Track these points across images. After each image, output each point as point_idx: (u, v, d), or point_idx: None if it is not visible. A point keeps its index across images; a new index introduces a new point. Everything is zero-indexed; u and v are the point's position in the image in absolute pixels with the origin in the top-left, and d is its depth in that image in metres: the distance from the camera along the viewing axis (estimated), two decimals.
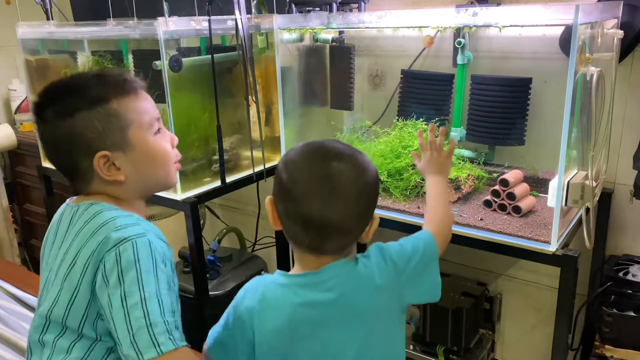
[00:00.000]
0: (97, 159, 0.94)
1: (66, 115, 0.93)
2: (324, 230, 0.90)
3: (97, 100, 0.94)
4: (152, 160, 1.00)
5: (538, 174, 1.50)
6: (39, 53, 1.98)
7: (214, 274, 1.91)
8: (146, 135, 0.98)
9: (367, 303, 0.94)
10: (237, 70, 1.74)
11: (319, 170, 0.89)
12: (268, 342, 0.93)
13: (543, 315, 1.79)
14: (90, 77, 0.97)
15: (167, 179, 1.05)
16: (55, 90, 0.97)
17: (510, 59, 1.55)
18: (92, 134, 0.94)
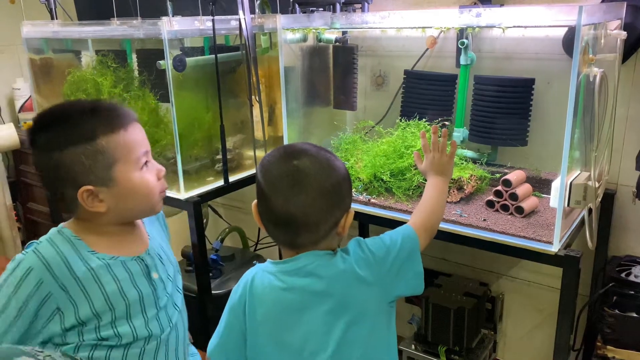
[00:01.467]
0: (81, 192, 0.98)
1: (55, 148, 0.97)
2: (291, 226, 0.94)
3: (86, 137, 0.97)
4: (135, 195, 1.03)
5: (541, 174, 1.50)
6: (44, 52, 1.99)
7: (216, 273, 1.92)
8: (131, 172, 1.01)
9: (348, 293, 0.96)
10: (240, 70, 1.75)
11: (283, 168, 0.95)
12: (257, 329, 0.99)
13: (545, 316, 1.79)
14: (84, 110, 0.99)
15: (150, 211, 1.09)
16: (49, 118, 1.00)
17: (513, 60, 1.55)
18: (78, 169, 0.97)
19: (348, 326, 0.96)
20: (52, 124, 0.99)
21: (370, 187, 1.49)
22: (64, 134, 0.97)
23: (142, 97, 1.69)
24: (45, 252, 0.98)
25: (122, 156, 1.00)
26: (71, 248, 1.01)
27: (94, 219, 1.04)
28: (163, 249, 1.16)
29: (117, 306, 1.03)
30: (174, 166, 1.64)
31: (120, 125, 1.00)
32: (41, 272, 0.96)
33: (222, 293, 1.85)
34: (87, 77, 1.76)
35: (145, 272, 1.09)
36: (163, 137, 1.70)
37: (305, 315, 0.96)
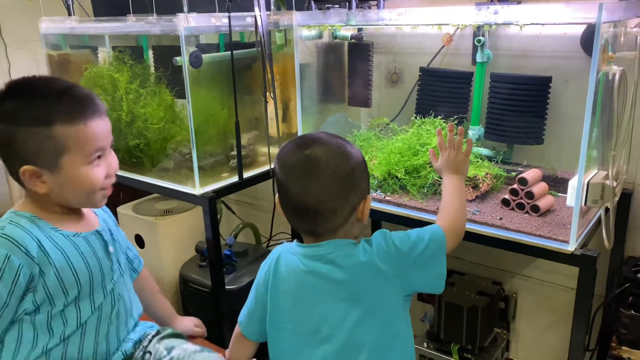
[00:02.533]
0: (23, 171, 0.99)
1: (12, 122, 0.97)
2: (308, 214, 0.97)
3: (44, 120, 0.97)
4: (76, 187, 1.03)
5: (557, 173, 1.49)
6: (61, 48, 2.01)
7: (229, 269, 1.93)
8: (79, 165, 1.01)
9: (365, 284, 0.98)
10: (255, 66, 1.76)
11: (296, 158, 0.97)
12: (277, 307, 1.04)
13: (559, 316, 1.78)
14: (54, 92, 0.99)
15: (90, 204, 1.10)
16: (22, 90, 1.00)
17: (530, 58, 1.54)
18: (29, 147, 0.98)
19: (363, 315, 0.98)
20: (19, 97, 0.99)
21: (385, 185, 1.49)
22: (25, 111, 0.97)
23: (159, 93, 1.70)
24: (15, 234, 0.98)
25: (73, 148, 1.00)
26: (36, 227, 1.01)
27: (38, 197, 1.04)
28: (113, 227, 1.20)
29: (83, 281, 1.06)
30: (189, 162, 1.66)
31: (82, 117, 1.00)
32: (19, 256, 0.97)
33: (236, 288, 1.86)
34: (104, 73, 1.77)
35: (104, 247, 1.13)
36: (179, 133, 1.71)
37: (323, 300, 0.99)
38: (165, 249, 2.08)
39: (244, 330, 1.13)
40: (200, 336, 1.48)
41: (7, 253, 0.96)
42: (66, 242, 1.05)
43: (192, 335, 1.46)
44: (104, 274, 1.11)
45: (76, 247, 1.06)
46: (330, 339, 0.99)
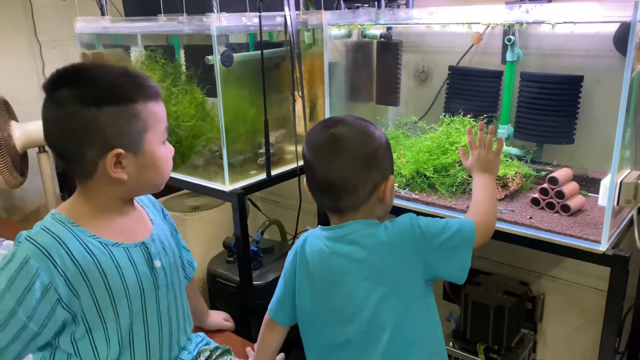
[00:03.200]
0: (112, 155, 0.93)
1: (92, 104, 0.90)
2: (332, 191, 1.02)
3: (126, 98, 0.93)
4: (156, 169, 1.00)
5: (587, 173, 1.47)
6: (95, 47, 2.05)
7: (256, 265, 1.95)
8: (156, 144, 0.99)
9: (386, 264, 1.01)
10: (284, 65, 1.78)
11: (321, 137, 1.03)
12: (304, 287, 1.08)
13: (587, 318, 1.76)
14: (119, 73, 0.95)
15: (157, 187, 1.05)
16: (81, 75, 0.94)
17: (561, 57, 1.53)
18: (112, 130, 0.92)
19: (385, 294, 1.00)
20: (89, 80, 0.92)
21: (413, 183, 1.49)
22: (102, 93, 0.91)
23: (190, 91, 1.73)
24: (40, 238, 0.91)
25: (152, 126, 0.97)
26: (68, 231, 0.94)
27: (102, 191, 0.98)
28: (167, 238, 1.13)
29: (118, 298, 0.98)
30: (219, 159, 1.68)
31: (157, 95, 0.98)
32: (39, 260, 0.89)
33: (262, 284, 1.88)
34: None
35: (148, 260, 1.04)
36: (209, 130, 1.74)
37: (347, 280, 1.02)
38: (194, 245, 2.11)
39: (275, 315, 1.17)
40: (228, 330, 1.51)
41: (27, 255, 0.89)
42: (102, 251, 0.97)
43: (221, 329, 1.49)
44: (143, 290, 1.02)
45: (113, 257, 0.98)
46: (354, 318, 1.02)
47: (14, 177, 2.24)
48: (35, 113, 2.79)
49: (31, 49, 2.62)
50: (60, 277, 0.90)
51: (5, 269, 0.89)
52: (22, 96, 2.45)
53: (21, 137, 2.28)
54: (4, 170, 2.17)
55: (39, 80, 2.67)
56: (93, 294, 0.95)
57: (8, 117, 2.31)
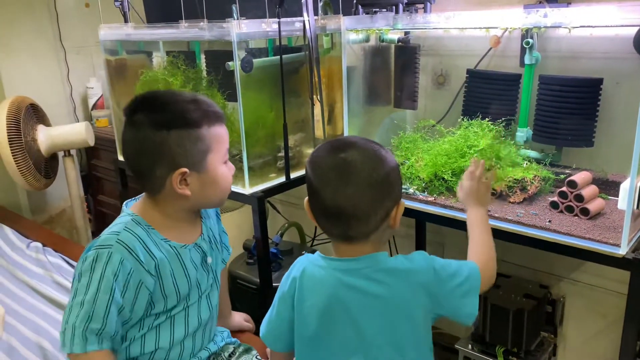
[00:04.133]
0: (178, 174, 1.06)
1: (163, 127, 1.04)
2: (341, 218, 0.96)
3: (192, 123, 1.06)
4: (216, 186, 1.13)
5: (607, 176, 1.47)
6: (118, 53, 2.10)
7: (276, 267, 1.98)
8: (218, 163, 1.12)
9: (401, 298, 0.99)
10: (302, 70, 1.80)
11: (331, 161, 0.97)
12: (304, 320, 1.02)
13: (609, 321, 1.75)
14: (188, 100, 1.09)
15: (219, 203, 1.19)
16: (154, 101, 1.09)
17: (580, 59, 1.52)
18: (179, 150, 1.05)
19: (397, 329, 0.99)
20: (159, 107, 1.07)
21: (431, 186, 1.50)
22: (172, 117, 1.05)
23: (211, 96, 1.76)
24: (128, 241, 1.05)
25: (215, 147, 1.10)
26: (148, 236, 1.09)
27: (170, 203, 1.11)
28: (214, 231, 1.26)
29: (182, 293, 1.14)
30: (239, 163, 1.71)
31: (219, 119, 1.11)
32: (131, 261, 1.03)
33: None
34: (159, 77, 1.85)
35: (204, 258, 1.19)
36: (229, 134, 1.76)
37: (360, 315, 0.99)
38: None
39: (274, 346, 1.13)
40: (249, 331, 1.54)
41: (121, 257, 1.02)
42: (173, 253, 1.12)
43: (241, 329, 1.52)
44: (199, 284, 1.18)
45: (180, 259, 1.13)
46: (362, 350, 1.00)
47: (37, 179, 2.31)
48: (61, 117, 2.88)
49: (56, 55, 2.69)
50: (145, 272, 1.05)
51: (96, 265, 1.01)
52: (47, 101, 2.52)
53: (46, 141, 2.35)
54: (27, 173, 2.24)
55: (64, 85, 2.74)
56: (163, 286, 1.09)
57: (36, 120, 2.37)
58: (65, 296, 1.75)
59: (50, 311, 1.68)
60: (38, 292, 1.78)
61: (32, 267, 1.93)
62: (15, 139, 2.19)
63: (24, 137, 2.23)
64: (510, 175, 1.42)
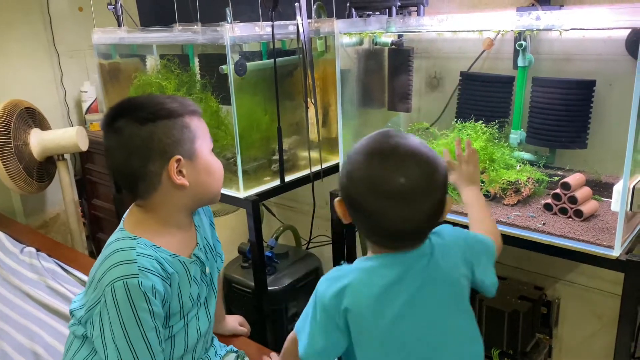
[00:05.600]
0: (173, 161, 1.05)
1: (148, 121, 1.04)
2: (399, 237, 0.93)
3: (175, 113, 1.07)
4: (211, 173, 1.13)
5: (601, 178, 1.47)
6: (111, 57, 2.10)
7: (271, 270, 1.97)
8: (207, 150, 1.12)
9: (458, 274, 0.97)
10: (296, 73, 1.80)
11: (396, 184, 0.87)
12: (362, 325, 0.93)
13: (604, 323, 1.75)
14: (164, 97, 1.10)
15: (217, 193, 1.18)
16: (131, 103, 1.09)
17: (573, 61, 1.53)
18: (169, 140, 1.05)
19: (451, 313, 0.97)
20: (140, 106, 1.07)
21: None
22: (153, 111, 1.05)
23: (204, 99, 1.76)
24: (151, 266, 1.04)
25: (201, 135, 1.10)
26: (160, 254, 1.08)
27: (166, 203, 1.10)
28: (208, 240, 1.25)
29: (186, 307, 1.13)
30: (233, 166, 1.71)
31: (197, 112, 1.12)
32: (158, 282, 1.03)
33: (277, 289, 1.90)
34: (152, 80, 1.84)
35: (202, 270, 1.18)
36: (223, 138, 1.77)
37: (410, 308, 0.93)
38: None
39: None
40: (244, 335, 1.53)
41: (152, 284, 1.02)
42: (182, 269, 1.11)
43: (236, 333, 1.51)
44: (199, 296, 1.17)
45: (189, 274, 1.13)
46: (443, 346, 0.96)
47: (29, 183, 2.30)
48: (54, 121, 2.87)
49: (50, 59, 2.68)
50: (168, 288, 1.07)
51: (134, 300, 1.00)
52: (41, 105, 2.51)
53: (38, 145, 2.34)
54: (17, 177, 2.23)
55: (58, 88, 2.73)
56: (170, 303, 1.09)
57: (31, 124, 2.36)
58: (59, 302, 1.74)
59: (44, 317, 1.67)
60: (32, 298, 1.77)
61: (25, 272, 1.92)
62: (4, 143, 2.18)
63: (14, 140, 2.23)
64: (504, 177, 1.43)
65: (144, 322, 1.00)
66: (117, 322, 0.99)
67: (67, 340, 1.17)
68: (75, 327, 1.14)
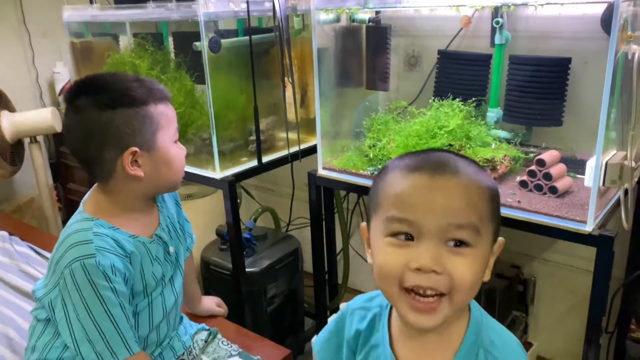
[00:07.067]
0: (128, 153, 1.02)
1: (107, 107, 1.00)
2: None
3: (138, 100, 1.02)
4: (169, 166, 1.09)
5: (576, 155, 1.48)
6: (83, 36, 2.04)
7: (249, 252, 1.96)
8: (169, 142, 1.08)
9: None
10: (273, 51, 1.77)
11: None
12: None
13: (579, 299, 1.78)
14: (131, 79, 1.05)
15: (175, 184, 1.15)
16: (96, 83, 1.04)
17: (549, 39, 1.52)
18: (127, 130, 1.02)
19: None
20: (101, 88, 1.02)
21: None
22: (116, 96, 1.01)
23: (179, 78, 1.73)
24: (109, 245, 1.02)
25: (165, 125, 1.06)
26: (119, 235, 1.06)
27: (123, 190, 1.07)
28: (173, 219, 1.22)
29: (150, 289, 1.11)
30: (209, 147, 1.68)
31: (165, 98, 1.08)
32: (116, 260, 1.01)
33: (256, 271, 1.89)
34: (126, 59, 1.80)
35: (166, 250, 1.16)
36: (199, 117, 1.74)
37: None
38: None
39: None
40: (221, 315, 1.52)
41: (111, 262, 1.00)
42: (143, 248, 1.09)
43: (213, 314, 1.50)
44: (164, 278, 1.15)
45: (150, 254, 1.10)
46: None
47: (2, 166, 2.24)
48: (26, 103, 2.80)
49: (20, 39, 2.60)
50: (129, 267, 1.05)
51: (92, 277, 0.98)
52: (11, 86, 2.44)
53: (10, 128, 2.28)
54: None
55: (29, 70, 2.66)
56: (133, 283, 1.08)
57: None
58: (33, 285, 1.70)
59: (17, 300, 1.64)
60: (4, 282, 1.74)
61: None
62: None
63: None
64: (481, 155, 1.43)
65: (107, 300, 0.99)
66: (80, 303, 0.98)
67: (31, 325, 1.16)
68: (37, 311, 1.12)
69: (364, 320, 0.82)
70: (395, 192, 0.68)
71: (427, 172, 0.68)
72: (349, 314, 0.86)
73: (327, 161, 1.67)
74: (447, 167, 0.69)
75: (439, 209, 0.66)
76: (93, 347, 0.99)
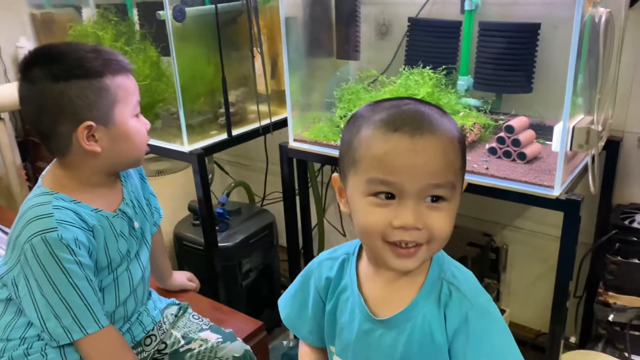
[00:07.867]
0: (82, 128, 0.98)
1: (60, 78, 0.96)
2: None
3: (94, 72, 0.98)
4: (128, 141, 1.05)
5: (545, 121, 1.48)
6: (44, 7, 1.97)
7: (222, 227, 1.94)
8: (128, 116, 1.04)
9: None
10: (241, 20, 1.73)
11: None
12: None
13: (549, 266, 1.81)
14: (88, 50, 1.01)
15: (137, 160, 1.11)
16: (50, 53, 1.00)
17: (519, 5, 1.51)
18: (81, 103, 0.97)
19: None
20: (55, 58, 0.98)
21: None
22: (70, 67, 0.97)
23: (144, 50, 1.68)
24: (69, 217, 0.99)
25: (123, 98, 1.02)
26: (80, 208, 1.02)
27: (82, 165, 1.03)
28: (138, 194, 1.19)
29: (114, 264, 1.09)
30: (177, 120, 1.65)
31: (124, 69, 1.03)
32: (79, 234, 0.98)
33: (230, 245, 1.88)
34: (89, 31, 1.74)
35: (130, 225, 1.13)
36: (165, 90, 1.70)
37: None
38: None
39: None
40: (192, 290, 1.51)
41: (74, 235, 0.97)
42: (106, 223, 1.06)
43: (185, 289, 1.49)
44: (129, 253, 1.13)
45: (113, 228, 1.07)
46: None
47: None
48: None
49: None
50: (93, 240, 1.02)
51: (55, 251, 0.95)
52: None
53: None
54: None
55: None
56: (97, 257, 1.05)
57: None
58: None
59: None
60: None
61: None
62: None
63: None
64: None
65: (73, 273, 0.96)
66: (43, 278, 0.95)
67: None
68: None
69: (332, 269, 0.86)
70: (377, 154, 0.69)
71: (407, 133, 0.68)
72: (316, 266, 0.89)
73: (299, 133, 1.65)
74: (424, 124, 0.70)
75: (420, 170, 0.68)
76: (60, 322, 0.97)
